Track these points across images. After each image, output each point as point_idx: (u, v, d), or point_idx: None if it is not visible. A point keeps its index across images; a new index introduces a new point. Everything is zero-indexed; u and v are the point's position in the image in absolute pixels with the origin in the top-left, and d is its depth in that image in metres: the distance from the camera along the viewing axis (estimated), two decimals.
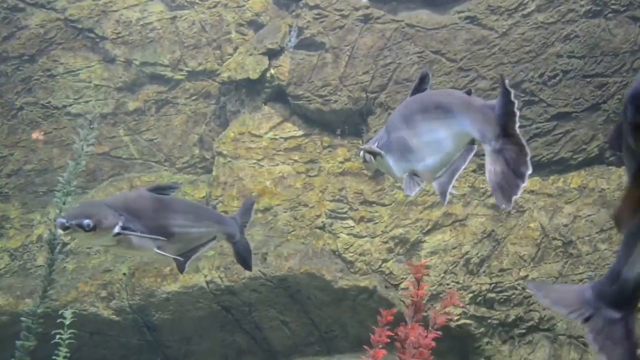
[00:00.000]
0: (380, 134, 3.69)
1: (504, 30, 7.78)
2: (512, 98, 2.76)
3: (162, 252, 4.02)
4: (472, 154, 3.22)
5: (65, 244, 6.94)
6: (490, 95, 7.72)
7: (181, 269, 4.28)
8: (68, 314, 5.39)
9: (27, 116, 8.38)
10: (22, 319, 5.56)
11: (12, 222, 8.19)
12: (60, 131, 8.32)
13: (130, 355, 7.72)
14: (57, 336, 5.59)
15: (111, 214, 3.86)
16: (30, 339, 5.46)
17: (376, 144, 3.61)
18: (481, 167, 7.48)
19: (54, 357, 5.73)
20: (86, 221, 3.74)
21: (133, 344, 7.66)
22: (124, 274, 7.40)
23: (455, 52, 7.78)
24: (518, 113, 2.84)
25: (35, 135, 8.25)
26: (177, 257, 4.14)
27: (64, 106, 8.36)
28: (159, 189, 4.29)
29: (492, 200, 7.47)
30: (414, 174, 3.36)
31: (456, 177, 3.25)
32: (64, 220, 3.79)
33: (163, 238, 3.98)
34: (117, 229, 3.81)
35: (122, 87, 8.40)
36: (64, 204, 5.55)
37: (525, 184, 2.75)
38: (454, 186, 3.28)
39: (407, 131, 3.36)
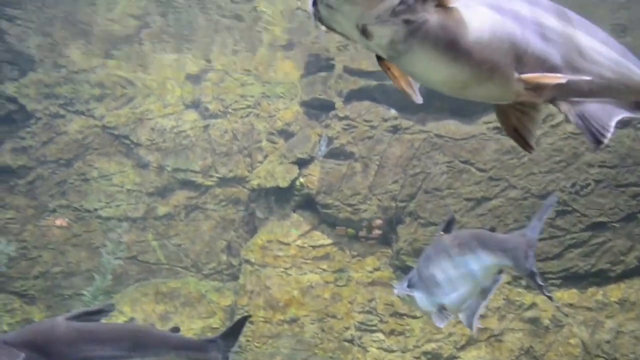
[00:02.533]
0: (411, 273, 3.97)
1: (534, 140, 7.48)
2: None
3: None
4: (500, 283, 3.62)
5: None
6: (521, 205, 7.32)
7: None
8: None
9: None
10: None
11: None
12: (90, 234, 8.06)
13: None
14: None
15: (6, 353, 3.26)
16: None
17: (407, 283, 3.88)
18: (516, 279, 6.96)
19: None
20: None
21: None
22: None
23: (484, 161, 7.47)
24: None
25: (59, 222, 7.98)
26: None
27: (96, 209, 8.14)
28: (86, 315, 3.54)
29: (528, 314, 6.89)
30: (442, 308, 3.65)
31: (482, 306, 3.60)
32: None
33: None
34: None
35: (153, 192, 8.21)
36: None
37: None
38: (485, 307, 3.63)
39: (435, 269, 3.69)
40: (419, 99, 1.99)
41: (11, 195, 8.28)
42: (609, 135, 2.02)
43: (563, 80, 1.95)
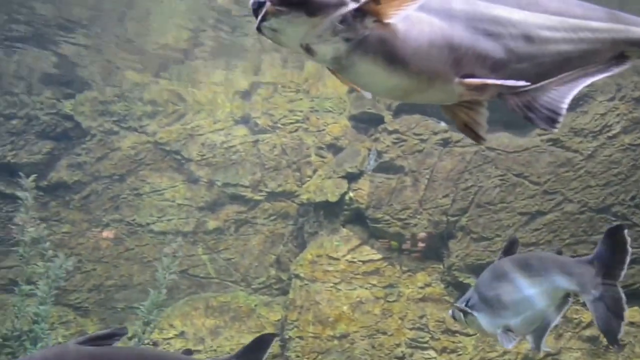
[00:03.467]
0: (468, 294, 3.97)
1: (589, 152, 7.28)
2: (628, 247, 3.07)
3: None
4: (568, 307, 3.55)
5: None
6: (578, 219, 7.12)
7: None
8: None
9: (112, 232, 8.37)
10: None
11: None
12: (142, 248, 8.23)
13: None
14: None
15: None
16: None
17: (464, 304, 3.86)
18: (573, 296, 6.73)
19: None
20: None
21: None
22: None
23: (538, 174, 7.30)
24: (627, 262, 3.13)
25: (105, 234, 8.18)
26: None
27: (148, 224, 8.32)
28: (97, 340, 3.40)
29: (587, 333, 6.66)
30: (508, 329, 3.62)
31: (550, 328, 3.54)
32: None
33: None
34: None
35: (204, 207, 8.34)
36: (143, 332, 5.22)
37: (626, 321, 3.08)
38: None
39: (500, 290, 3.68)
40: (368, 95, 2.11)
41: (67, 210, 8.54)
42: (560, 119, 2.07)
43: (499, 83, 2.03)
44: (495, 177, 7.36)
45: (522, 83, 2.06)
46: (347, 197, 7.69)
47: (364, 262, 7.40)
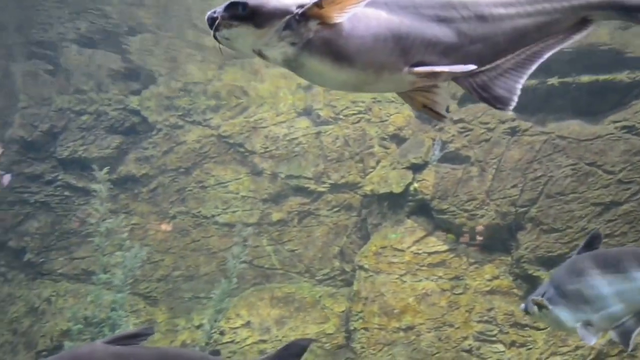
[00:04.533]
0: (543, 287, 3.93)
1: None
2: None
3: None
4: None
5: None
6: None
7: None
8: None
9: (178, 224, 8.63)
10: None
11: (159, 326, 8.23)
12: (208, 240, 8.45)
13: None
14: None
15: None
16: None
17: (539, 298, 3.83)
18: None
19: None
20: None
21: None
22: None
23: (612, 163, 7.06)
24: None
25: (164, 226, 8.45)
26: None
27: (213, 216, 8.53)
28: (124, 339, 3.48)
29: None
30: (588, 324, 3.62)
31: None
32: None
33: None
34: None
35: (267, 199, 8.48)
36: (215, 320, 5.39)
37: None
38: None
39: (580, 285, 3.65)
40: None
41: (135, 202, 8.87)
42: (515, 98, 2.08)
43: (447, 70, 2.05)
44: (566, 166, 7.16)
45: (469, 68, 2.06)
46: (411, 188, 7.66)
47: (429, 253, 7.36)
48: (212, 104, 9.00)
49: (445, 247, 7.41)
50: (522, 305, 4.10)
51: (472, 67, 2.07)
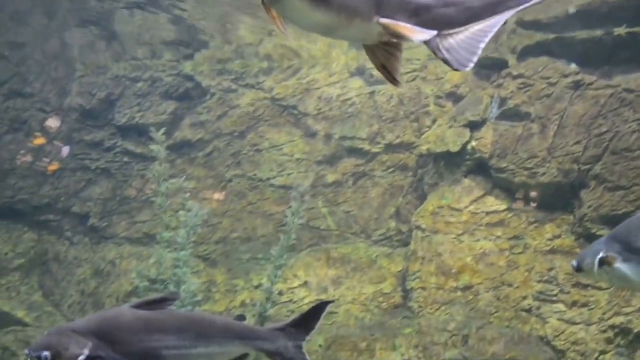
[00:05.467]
0: (601, 244, 3.81)
1: None
2: None
3: None
4: None
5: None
6: None
7: None
8: None
9: (235, 187, 8.82)
10: None
11: (219, 286, 8.52)
12: (264, 202, 8.62)
13: None
14: None
15: (75, 342, 3.35)
16: None
17: (612, 254, 3.71)
18: None
19: None
20: (44, 353, 3.31)
21: None
22: (320, 345, 7.24)
23: None
24: None
25: (217, 195, 8.63)
26: None
27: (268, 178, 8.68)
28: (149, 304, 3.60)
29: None
30: None
31: None
32: (27, 352, 3.42)
33: None
34: (81, 359, 3.31)
35: (322, 161, 8.55)
36: (275, 275, 5.55)
37: None
38: None
39: None
40: (287, 35, 2.28)
41: (192, 167, 9.10)
42: (474, 59, 2.17)
43: (409, 28, 2.14)
44: (633, 121, 6.91)
45: (428, 34, 2.15)
46: (469, 147, 7.57)
47: (487, 213, 7.30)
48: (265, 67, 9.06)
49: (503, 207, 7.33)
50: (575, 262, 3.97)
51: (430, 34, 2.17)
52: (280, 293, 7.80)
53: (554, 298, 6.81)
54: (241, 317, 4.07)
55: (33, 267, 9.07)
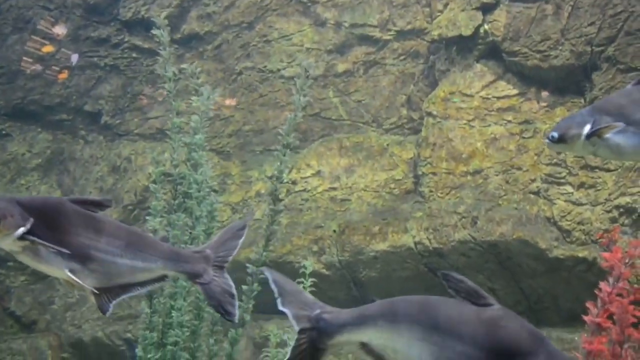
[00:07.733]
0: (583, 117, 3.77)
1: None
2: None
3: (74, 277, 3.36)
4: None
5: (280, 199, 7.23)
6: None
7: (102, 309, 3.53)
8: (308, 264, 5.60)
9: (245, 80, 8.94)
10: (248, 265, 5.91)
11: (233, 178, 8.85)
12: (275, 94, 8.76)
13: None
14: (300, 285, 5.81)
15: (18, 213, 3.26)
16: (255, 285, 5.84)
17: (589, 126, 3.71)
18: None
19: None
20: None
21: (340, 298, 7.94)
22: (334, 230, 7.65)
23: None
24: None
25: (228, 101, 8.74)
26: (93, 289, 3.45)
27: (278, 70, 8.76)
28: (86, 203, 3.53)
29: None
30: None
31: None
32: None
33: (67, 251, 3.31)
34: (20, 232, 3.25)
35: (332, 50, 8.58)
36: (283, 157, 5.75)
37: None
38: None
39: None
40: None
41: (201, 60, 9.16)
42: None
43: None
44: None
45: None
46: (481, 30, 7.56)
47: (498, 98, 7.43)
48: None
49: (515, 92, 7.44)
50: (555, 133, 3.87)
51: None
52: (294, 182, 8.13)
53: (562, 180, 7.07)
54: (165, 239, 4.06)
55: (51, 166, 9.38)
